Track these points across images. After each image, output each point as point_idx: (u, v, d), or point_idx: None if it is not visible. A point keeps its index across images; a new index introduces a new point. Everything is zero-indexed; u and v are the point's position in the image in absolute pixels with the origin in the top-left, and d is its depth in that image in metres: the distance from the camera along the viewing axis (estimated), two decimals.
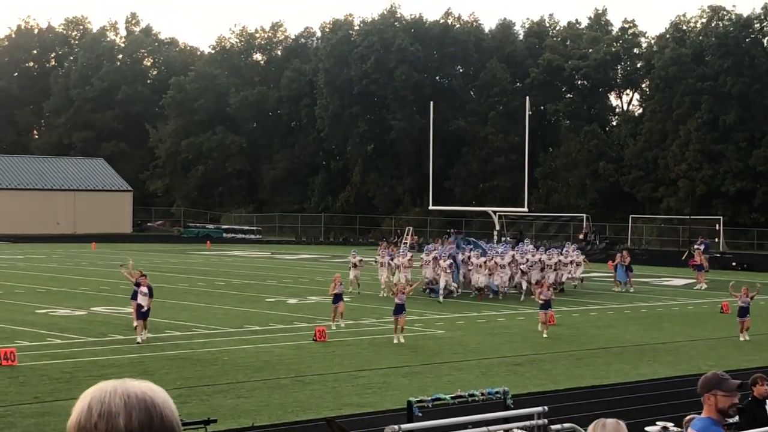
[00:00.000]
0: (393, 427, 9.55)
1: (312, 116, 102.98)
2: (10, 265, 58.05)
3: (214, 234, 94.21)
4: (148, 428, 2.61)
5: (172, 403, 2.71)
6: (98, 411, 2.60)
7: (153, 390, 2.69)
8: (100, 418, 2.59)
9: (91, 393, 2.66)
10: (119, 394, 2.63)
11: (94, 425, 2.59)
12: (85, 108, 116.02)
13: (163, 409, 2.65)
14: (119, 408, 2.60)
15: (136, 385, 2.68)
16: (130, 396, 2.63)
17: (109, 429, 2.58)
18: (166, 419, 2.65)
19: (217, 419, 14.65)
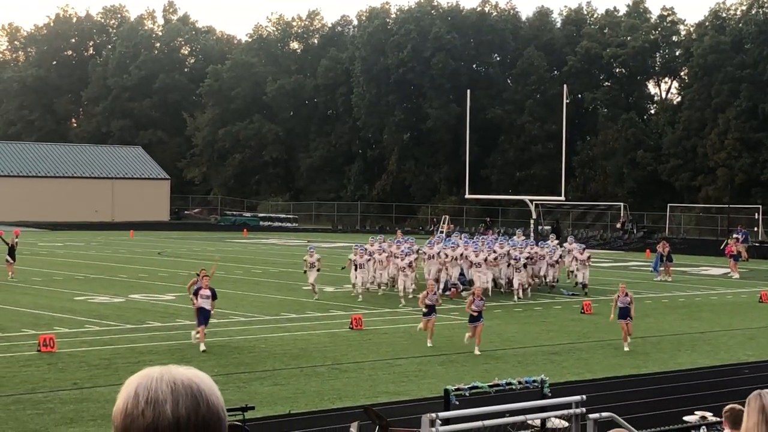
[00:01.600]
0: (431, 415, 9.52)
1: (348, 105, 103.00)
2: (50, 252, 58.53)
3: (250, 222, 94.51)
4: (195, 415, 2.60)
5: (217, 390, 2.71)
6: (145, 398, 2.60)
7: (198, 376, 2.68)
8: (147, 405, 2.59)
9: (137, 380, 2.65)
10: (165, 380, 2.62)
11: (141, 412, 2.58)
12: (123, 96, 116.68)
13: (209, 396, 2.65)
14: (166, 395, 2.59)
15: (182, 372, 2.67)
16: (176, 383, 2.62)
17: (156, 416, 2.58)
18: (212, 406, 2.65)
19: (255, 406, 14.68)
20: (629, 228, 79.67)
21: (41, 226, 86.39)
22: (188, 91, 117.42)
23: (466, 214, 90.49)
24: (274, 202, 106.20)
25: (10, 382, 21.77)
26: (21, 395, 20.55)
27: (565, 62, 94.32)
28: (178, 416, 2.58)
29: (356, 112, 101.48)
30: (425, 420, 9.57)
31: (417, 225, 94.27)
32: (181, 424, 2.58)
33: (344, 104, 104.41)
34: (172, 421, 2.58)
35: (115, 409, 2.64)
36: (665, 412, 19.51)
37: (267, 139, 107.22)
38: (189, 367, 2.73)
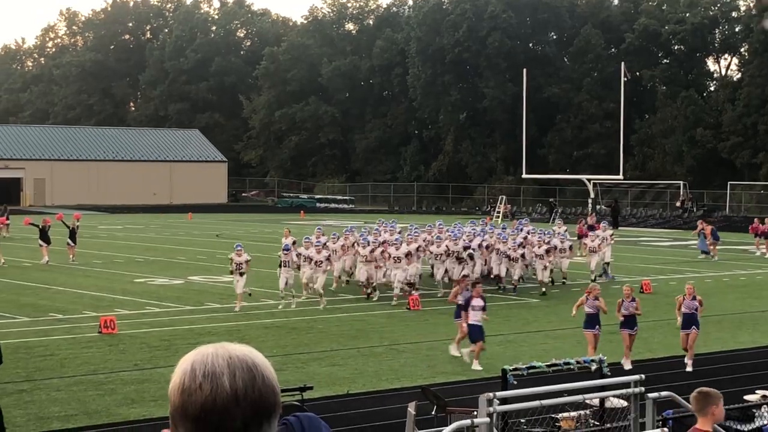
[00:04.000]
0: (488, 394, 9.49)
1: (404, 85, 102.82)
2: (109, 235, 59.18)
3: (307, 204, 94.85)
4: (252, 388, 2.62)
5: (270, 366, 2.73)
6: (202, 372, 2.62)
7: (252, 352, 2.71)
8: (205, 378, 2.61)
9: (192, 356, 2.68)
10: (221, 355, 2.65)
11: (199, 386, 2.61)
12: (180, 80, 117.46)
13: (263, 370, 2.67)
14: (223, 368, 2.62)
15: (236, 347, 2.70)
16: (232, 357, 2.65)
17: (214, 389, 2.60)
18: (267, 380, 2.67)
19: (313, 386, 14.75)
20: (689, 206, 78.87)
21: (100, 210, 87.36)
22: (244, 74, 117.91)
23: (523, 195, 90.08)
24: (330, 183, 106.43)
25: (72, 363, 22.07)
26: (83, 376, 20.83)
27: (623, 40, 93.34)
28: (236, 389, 2.60)
29: (412, 92, 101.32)
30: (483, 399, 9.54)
31: (473, 205, 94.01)
32: (239, 396, 2.61)
33: (400, 85, 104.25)
34: (230, 394, 2.60)
35: (172, 385, 2.67)
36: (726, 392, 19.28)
37: (323, 120, 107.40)
38: (241, 344, 2.75)
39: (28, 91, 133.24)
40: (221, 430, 2.62)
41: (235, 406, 2.61)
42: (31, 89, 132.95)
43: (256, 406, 2.64)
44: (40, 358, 22.61)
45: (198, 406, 2.61)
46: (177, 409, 2.65)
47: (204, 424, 2.62)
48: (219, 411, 2.61)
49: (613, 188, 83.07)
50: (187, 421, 2.63)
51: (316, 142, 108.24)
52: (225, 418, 2.61)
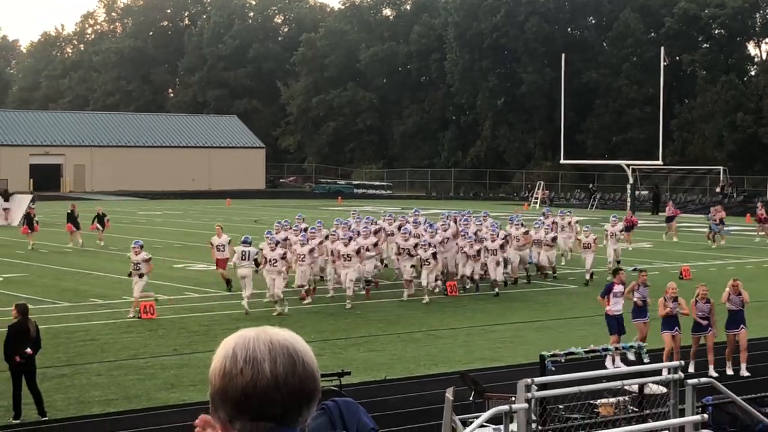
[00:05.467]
0: (527, 380, 9.47)
1: (442, 71, 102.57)
2: (148, 221, 59.53)
3: (345, 190, 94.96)
4: (292, 374, 2.64)
5: (311, 351, 2.74)
6: (243, 357, 2.64)
7: (294, 337, 2.72)
8: (246, 363, 2.63)
9: (233, 339, 2.69)
10: (262, 340, 2.67)
11: (240, 371, 2.63)
12: (218, 66, 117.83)
13: (304, 356, 2.69)
14: (264, 354, 2.64)
15: (277, 332, 2.71)
16: (273, 342, 2.66)
17: (255, 374, 2.62)
18: (308, 366, 2.69)
19: (351, 371, 14.79)
20: (729, 192, 78.22)
21: (139, 196, 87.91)
22: (282, 60, 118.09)
23: (561, 180, 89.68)
24: (367, 169, 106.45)
25: (112, 348, 22.26)
26: (123, 361, 21.01)
27: (663, 24, 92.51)
28: (276, 374, 2.62)
29: (449, 78, 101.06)
30: (521, 385, 9.52)
31: (511, 191, 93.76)
32: (279, 382, 2.62)
33: (437, 70, 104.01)
34: (271, 380, 2.62)
35: (213, 369, 2.69)
36: (766, 378, 19.18)
37: (361, 106, 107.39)
38: (283, 329, 2.76)
39: (68, 78, 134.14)
40: (261, 414, 2.64)
41: (276, 391, 2.63)
42: (71, 76, 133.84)
43: (296, 392, 2.65)
44: (81, 343, 22.82)
45: (239, 390, 2.63)
46: (218, 392, 2.67)
47: (244, 407, 2.64)
48: (259, 396, 2.63)
49: (652, 174, 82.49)
50: (228, 405, 2.66)
51: (353, 128, 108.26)
52: (265, 404, 2.63)
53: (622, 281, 21.18)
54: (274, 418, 2.65)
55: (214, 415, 2.71)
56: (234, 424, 2.67)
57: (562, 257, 37.03)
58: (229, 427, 2.68)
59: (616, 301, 20.74)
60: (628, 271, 32.34)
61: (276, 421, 2.66)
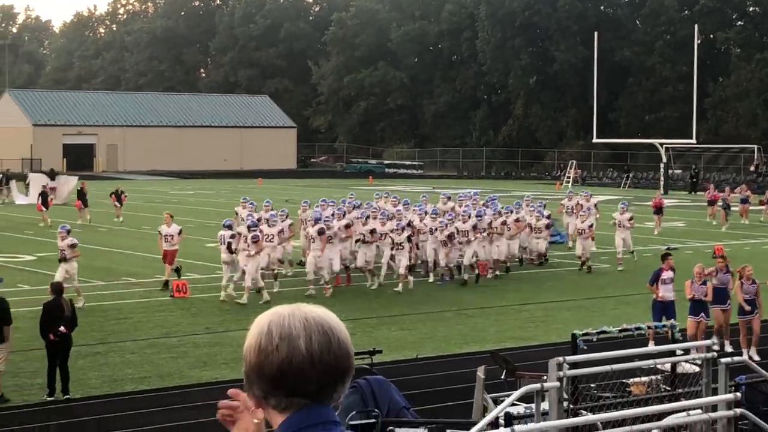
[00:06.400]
0: (558, 359, 9.44)
1: (473, 49, 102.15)
2: (180, 200, 59.74)
3: (376, 169, 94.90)
4: (327, 351, 2.65)
5: (345, 328, 2.74)
6: (279, 333, 2.64)
7: (328, 314, 2.73)
8: (282, 340, 2.64)
9: (268, 316, 2.70)
10: (297, 317, 2.67)
11: (276, 347, 2.64)
12: (250, 46, 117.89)
13: (338, 333, 2.70)
14: (299, 330, 2.64)
15: (312, 309, 2.72)
16: (308, 319, 2.67)
17: (290, 351, 2.63)
18: (342, 342, 2.69)
19: (382, 350, 14.79)
20: (763, 170, 77.62)
21: (171, 175, 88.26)
22: (313, 40, 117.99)
23: (593, 159, 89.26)
24: (398, 149, 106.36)
25: (145, 327, 22.40)
26: (156, 339, 21.14)
27: (697, 1, 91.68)
28: (312, 351, 2.63)
29: (481, 56, 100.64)
30: (552, 364, 9.49)
31: (543, 171, 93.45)
32: (314, 359, 2.63)
33: (469, 49, 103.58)
34: (306, 356, 2.63)
35: (247, 346, 2.69)
36: None
37: (392, 86, 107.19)
38: (317, 306, 2.76)
39: (100, 58, 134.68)
40: (296, 391, 2.65)
41: (311, 368, 2.63)
42: (103, 56, 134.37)
43: (331, 369, 2.66)
44: (114, 321, 22.98)
45: (275, 367, 2.63)
46: (253, 368, 2.68)
47: (280, 384, 2.65)
48: (295, 373, 2.63)
49: (685, 153, 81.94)
50: (263, 381, 2.66)
51: (384, 107, 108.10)
52: (300, 380, 2.64)
53: (671, 267, 20.44)
54: (309, 395, 2.66)
55: (248, 392, 2.72)
56: (269, 401, 2.68)
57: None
58: (264, 403, 2.70)
59: (666, 288, 20.03)
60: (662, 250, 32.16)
61: (311, 397, 2.66)
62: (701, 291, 19.41)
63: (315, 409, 2.68)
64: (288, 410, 2.68)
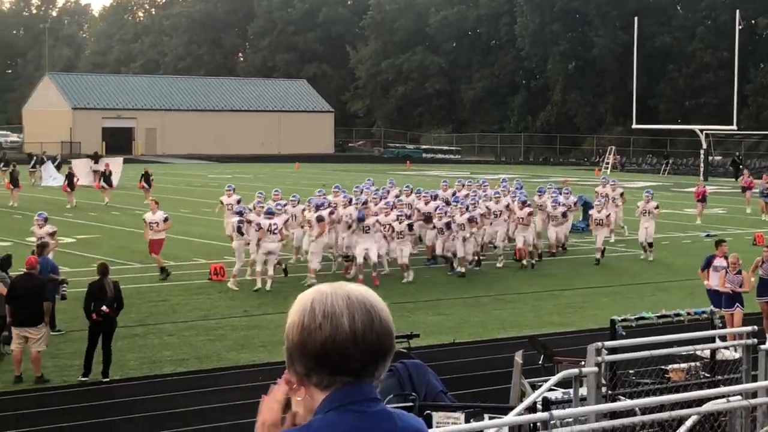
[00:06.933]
0: (597, 344, 9.40)
1: (512, 34, 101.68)
2: (219, 184, 59.91)
3: (413, 154, 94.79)
4: (370, 329, 2.65)
5: (386, 307, 2.74)
6: (322, 311, 2.65)
7: (370, 293, 2.73)
8: (325, 318, 2.64)
9: (311, 295, 2.71)
10: (340, 295, 2.68)
11: (319, 325, 2.64)
12: (288, 30, 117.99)
13: (380, 312, 2.70)
14: (342, 309, 2.65)
15: (354, 288, 2.73)
16: (350, 297, 2.67)
17: (333, 329, 2.63)
18: (384, 321, 2.69)
19: (420, 334, 14.81)
20: None
21: (210, 159, 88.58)
22: (351, 24, 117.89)
23: (632, 145, 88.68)
24: (436, 134, 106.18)
25: (183, 309, 22.53)
26: (194, 322, 21.26)
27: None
28: (355, 330, 2.63)
29: (520, 42, 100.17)
30: (591, 349, 9.45)
31: (581, 157, 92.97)
32: (357, 337, 2.64)
33: (507, 34, 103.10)
34: (349, 335, 2.63)
35: (290, 324, 2.70)
36: None
37: (430, 70, 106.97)
38: (359, 285, 2.76)
39: (140, 42, 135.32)
40: (339, 369, 2.66)
41: (354, 346, 2.64)
42: (142, 40, 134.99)
43: (374, 347, 2.66)
44: (152, 303, 23.13)
45: (318, 345, 2.64)
46: (296, 346, 2.68)
47: (323, 362, 2.65)
48: (338, 351, 2.64)
49: (725, 139, 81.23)
50: (306, 359, 2.67)
51: (422, 92, 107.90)
52: (343, 358, 2.64)
53: (725, 254, 19.70)
54: (351, 373, 2.67)
55: (290, 369, 2.73)
56: (311, 378, 2.69)
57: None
58: (306, 380, 2.71)
59: (717, 275, 19.33)
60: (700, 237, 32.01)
61: (353, 375, 2.67)
62: (736, 281, 18.95)
63: (357, 387, 2.69)
64: (330, 388, 2.69)
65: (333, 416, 2.66)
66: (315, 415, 2.70)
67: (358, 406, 2.68)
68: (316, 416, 2.69)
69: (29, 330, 16.56)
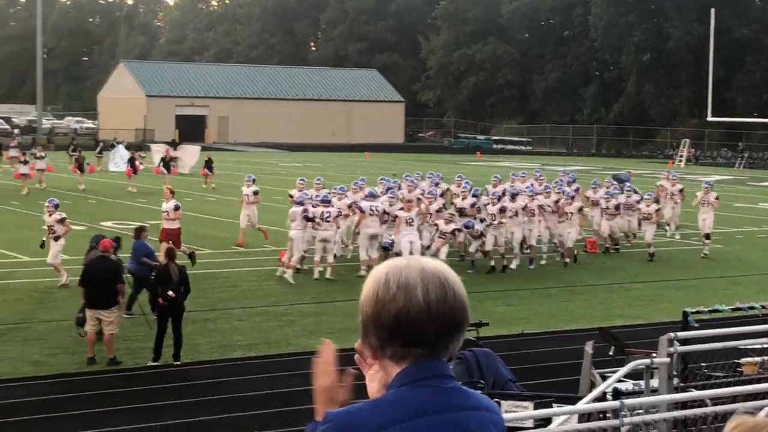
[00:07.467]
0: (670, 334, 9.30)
1: (585, 25, 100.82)
2: (289, 172, 60.25)
3: (484, 145, 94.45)
4: (444, 302, 2.65)
5: (460, 281, 2.73)
6: (396, 283, 2.66)
7: (443, 266, 2.73)
8: (399, 289, 2.65)
9: (385, 268, 2.72)
10: (414, 268, 2.68)
11: (393, 297, 2.65)
12: (360, 20, 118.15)
13: (454, 285, 2.69)
14: (416, 281, 2.65)
15: (429, 261, 2.73)
16: (424, 270, 2.68)
17: (407, 300, 2.63)
18: (458, 295, 2.69)
19: (489, 323, 14.77)
20: None
21: (281, 147, 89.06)
22: (423, 14, 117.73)
23: (707, 138, 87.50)
24: (507, 125, 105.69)
25: (254, 295, 22.70)
26: (264, 307, 21.40)
27: None
28: (429, 301, 2.64)
29: (593, 32, 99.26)
30: (663, 340, 9.35)
31: (655, 149, 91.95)
32: (431, 309, 2.63)
33: (581, 25, 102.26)
34: (423, 306, 2.64)
35: (364, 297, 2.71)
36: None
37: (502, 61, 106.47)
38: (433, 259, 2.76)
39: (213, 31, 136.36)
40: (413, 341, 2.66)
41: (428, 318, 2.64)
42: (216, 29, 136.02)
43: (447, 320, 2.66)
44: (223, 288, 23.33)
45: (392, 316, 2.65)
46: (370, 318, 2.69)
47: (396, 333, 2.66)
48: (412, 322, 2.64)
49: None
50: (380, 330, 2.67)
51: (494, 83, 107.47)
52: (417, 330, 2.65)
53: None
54: (425, 345, 2.67)
55: (365, 342, 2.73)
56: (385, 351, 2.70)
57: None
58: (380, 353, 2.71)
59: None
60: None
61: (427, 347, 2.67)
62: None
63: (431, 363, 2.69)
64: (404, 361, 2.68)
65: (406, 390, 2.66)
66: (388, 390, 2.70)
67: (432, 382, 2.68)
68: (390, 390, 2.69)
69: (102, 312, 16.80)
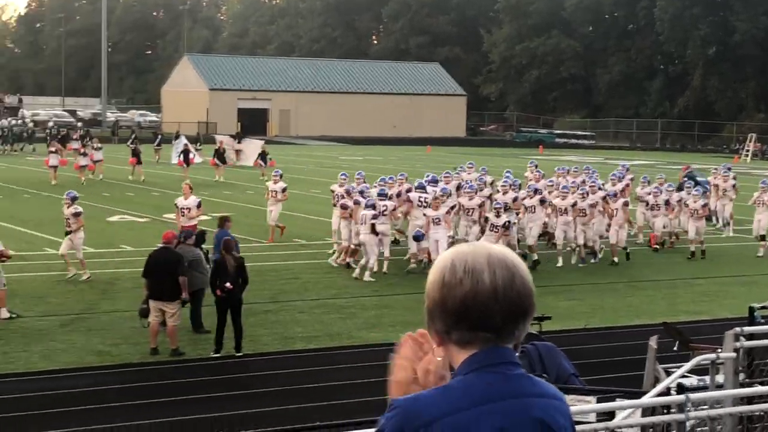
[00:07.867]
0: (736, 329, 9.17)
1: (650, 18, 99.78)
2: (350, 165, 60.31)
3: (546, 139, 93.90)
4: (510, 287, 2.63)
5: (527, 268, 2.70)
6: (463, 267, 2.65)
7: (510, 252, 2.72)
8: (466, 274, 2.64)
9: (450, 254, 2.71)
10: (480, 253, 2.67)
11: (459, 281, 2.63)
12: (422, 13, 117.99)
13: (521, 270, 2.68)
14: (483, 265, 2.64)
15: (494, 247, 2.72)
16: (491, 255, 2.66)
17: (474, 284, 2.62)
18: (526, 281, 2.68)
19: (551, 316, 14.69)
20: None
21: (342, 141, 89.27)
22: (485, 7, 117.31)
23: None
24: (570, 119, 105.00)
25: (315, 287, 22.78)
26: (325, 300, 21.48)
27: None
28: (496, 285, 2.62)
29: (658, 26, 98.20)
30: (729, 334, 9.22)
31: (720, 143, 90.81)
32: (498, 293, 2.62)
33: (645, 18, 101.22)
34: (490, 291, 2.62)
35: (430, 282, 2.70)
36: None
37: (565, 54, 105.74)
38: (500, 245, 2.74)
39: (275, 24, 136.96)
40: (480, 325, 2.64)
41: (494, 302, 2.62)
42: (278, 22, 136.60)
43: (514, 305, 2.64)
44: (284, 281, 23.45)
45: (458, 300, 2.63)
46: (436, 303, 2.68)
47: (463, 318, 2.64)
48: (479, 307, 2.63)
49: None
50: (447, 315, 2.66)
51: (557, 76, 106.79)
52: (484, 314, 2.63)
53: None
54: (492, 330, 2.65)
55: (430, 327, 2.72)
56: (451, 335, 2.68)
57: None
58: (446, 338, 2.69)
59: None
60: None
61: (494, 332, 2.64)
62: None
63: (497, 349, 2.67)
64: (470, 346, 2.66)
65: (473, 377, 2.65)
66: (455, 377, 2.68)
67: (499, 368, 2.66)
68: (457, 377, 2.68)
69: (165, 304, 16.93)
